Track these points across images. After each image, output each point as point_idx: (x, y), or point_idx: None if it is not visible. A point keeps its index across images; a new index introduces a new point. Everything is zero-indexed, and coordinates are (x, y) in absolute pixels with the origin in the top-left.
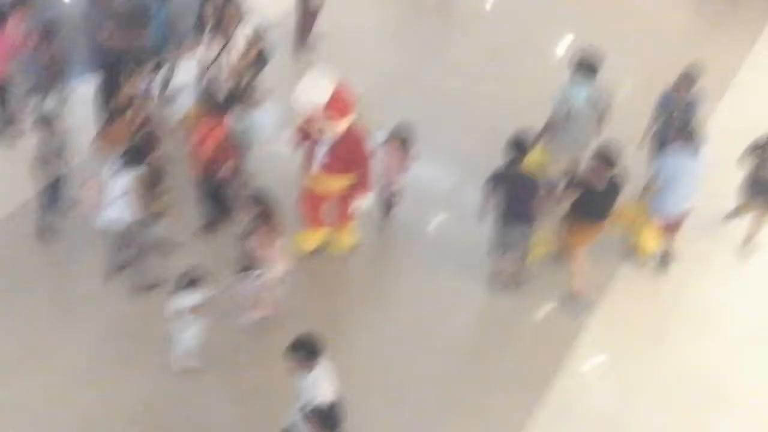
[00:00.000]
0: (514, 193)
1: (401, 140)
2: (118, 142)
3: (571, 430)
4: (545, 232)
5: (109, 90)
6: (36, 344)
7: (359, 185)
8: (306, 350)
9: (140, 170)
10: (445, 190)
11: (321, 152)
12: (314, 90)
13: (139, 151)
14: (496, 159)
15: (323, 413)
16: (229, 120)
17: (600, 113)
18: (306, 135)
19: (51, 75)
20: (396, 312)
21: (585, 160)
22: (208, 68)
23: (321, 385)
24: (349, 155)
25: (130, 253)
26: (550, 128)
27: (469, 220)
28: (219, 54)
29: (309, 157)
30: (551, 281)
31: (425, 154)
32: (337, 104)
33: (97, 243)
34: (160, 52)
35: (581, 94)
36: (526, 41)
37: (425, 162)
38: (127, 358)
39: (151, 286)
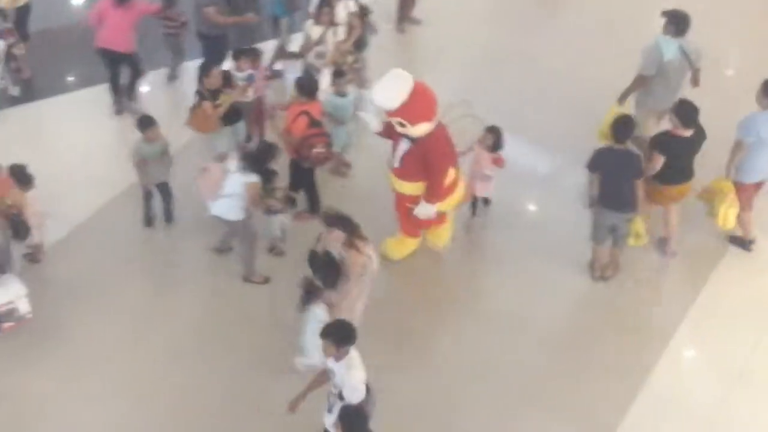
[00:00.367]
0: (616, 172)
1: (491, 143)
2: (205, 126)
3: (669, 425)
4: (640, 223)
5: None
6: (135, 327)
7: (426, 194)
8: (334, 337)
9: (254, 178)
10: (543, 173)
11: (399, 153)
12: (388, 93)
13: (257, 159)
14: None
15: (350, 417)
16: (322, 102)
17: (692, 68)
18: (391, 131)
19: (170, 46)
20: (489, 298)
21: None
22: (314, 46)
23: (351, 373)
24: (421, 164)
25: (237, 243)
26: (640, 81)
27: (568, 204)
28: (325, 32)
29: (392, 154)
30: (650, 270)
31: (524, 135)
32: (413, 109)
33: (203, 229)
34: (275, 27)
35: (672, 47)
36: (632, 20)
37: (523, 144)
38: (223, 344)
39: (250, 279)
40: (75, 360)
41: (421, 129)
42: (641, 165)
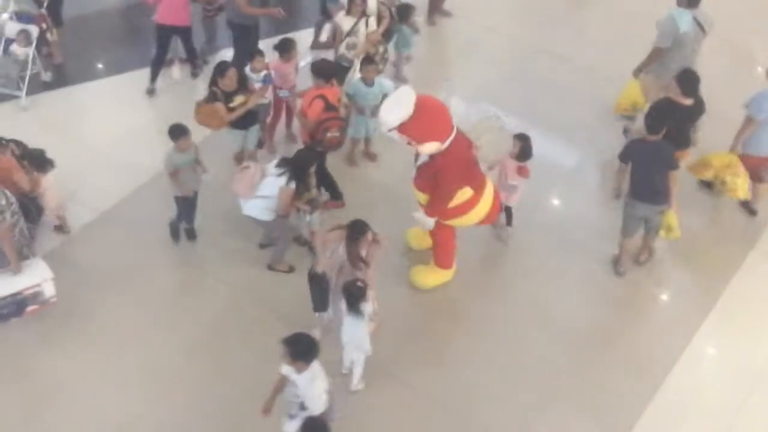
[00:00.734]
0: (649, 164)
1: (518, 150)
2: (209, 123)
3: (687, 425)
4: (672, 216)
5: (237, 65)
6: (157, 314)
7: (426, 206)
8: (292, 350)
9: (291, 184)
10: (569, 168)
11: (417, 164)
12: (390, 111)
13: (296, 167)
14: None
15: (312, 429)
16: (347, 86)
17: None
18: None
19: (206, 30)
20: (510, 294)
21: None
22: (345, 37)
23: (314, 384)
24: (432, 179)
25: (272, 238)
26: (656, 54)
27: (592, 201)
28: (357, 23)
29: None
30: (675, 266)
31: (550, 129)
32: (418, 128)
33: (228, 220)
34: (323, 13)
35: (687, 18)
36: (659, 14)
37: (549, 138)
38: (244, 335)
39: (275, 268)
40: (96, 345)
41: (429, 147)
42: (674, 156)
